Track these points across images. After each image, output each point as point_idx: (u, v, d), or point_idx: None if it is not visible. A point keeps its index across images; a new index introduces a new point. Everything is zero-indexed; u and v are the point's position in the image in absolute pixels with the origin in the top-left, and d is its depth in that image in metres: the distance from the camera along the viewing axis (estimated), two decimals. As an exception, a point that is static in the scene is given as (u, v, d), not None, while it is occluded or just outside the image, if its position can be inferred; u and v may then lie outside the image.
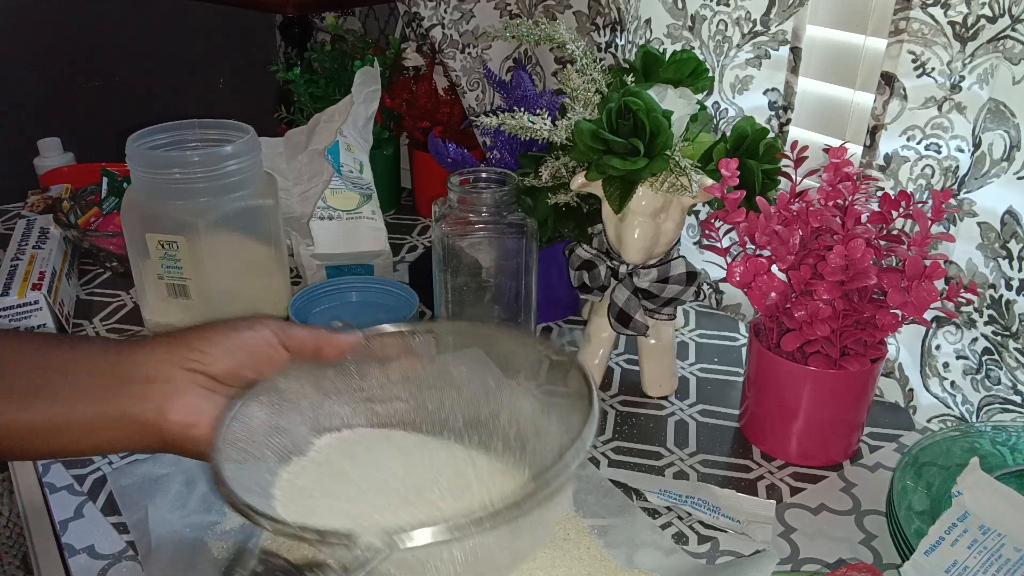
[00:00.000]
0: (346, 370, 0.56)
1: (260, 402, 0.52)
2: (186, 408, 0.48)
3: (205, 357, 0.50)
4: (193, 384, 0.49)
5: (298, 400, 0.54)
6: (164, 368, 0.49)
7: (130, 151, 0.80)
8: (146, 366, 0.49)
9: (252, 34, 1.60)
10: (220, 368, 0.50)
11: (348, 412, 0.56)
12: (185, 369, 0.49)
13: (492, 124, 0.73)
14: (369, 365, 0.56)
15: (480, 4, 1.08)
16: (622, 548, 0.61)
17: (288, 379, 0.54)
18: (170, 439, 0.48)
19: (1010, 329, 0.68)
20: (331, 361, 0.54)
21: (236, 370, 0.51)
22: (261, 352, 0.52)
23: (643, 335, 0.77)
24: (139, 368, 0.49)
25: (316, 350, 0.54)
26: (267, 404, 0.52)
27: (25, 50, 1.39)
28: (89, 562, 0.61)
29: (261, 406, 0.52)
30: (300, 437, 0.54)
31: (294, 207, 1.01)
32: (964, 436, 0.67)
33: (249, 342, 0.51)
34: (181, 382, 0.49)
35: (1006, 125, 0.64)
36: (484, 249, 0.78)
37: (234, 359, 0.50)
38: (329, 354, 0.54)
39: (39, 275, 0.89)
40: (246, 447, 0.50)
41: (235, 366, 0.51)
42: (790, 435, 0.70)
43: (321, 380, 0.55)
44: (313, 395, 0.55)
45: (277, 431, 0.53)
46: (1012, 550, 0.56)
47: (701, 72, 0.75)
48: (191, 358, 0.49)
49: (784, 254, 0.64)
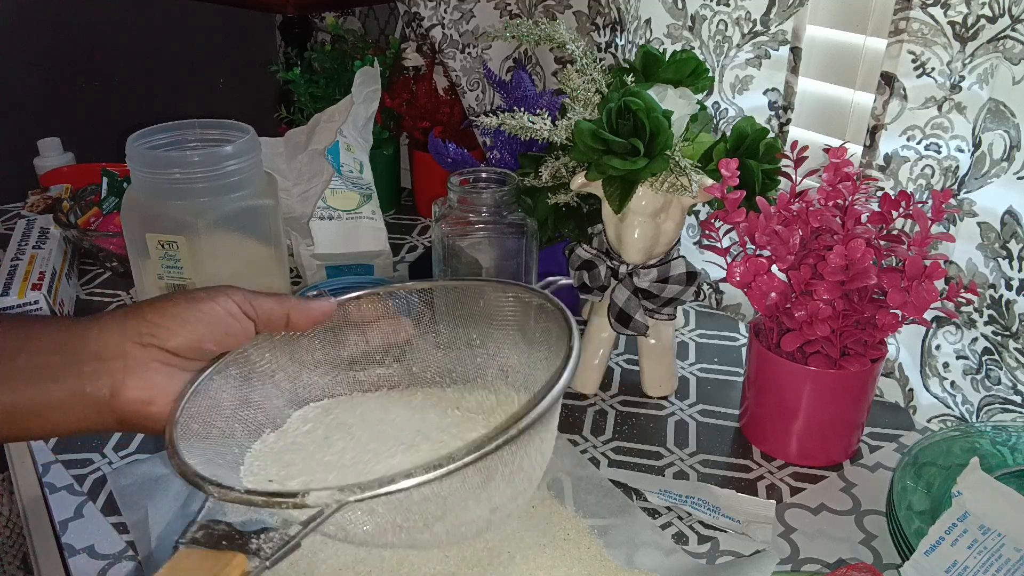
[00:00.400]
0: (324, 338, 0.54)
1: (228, 375, 0.50)
2: (141, 384, 0.46)
3: (160, 330, 0.47)
4: (149, 359, 0.47)
5: (272, 372, 0.52)
6: (117, 344, 0.47)
7: (130, 151, 0.79)
8: (98, 343, 0.47)
9: (252, 34, 1.60)
10: (177, 342, 0.48)
11: (328, 382, 0.54)
12: (139, 344, 0.47)
13: (492, 124, 0.73)
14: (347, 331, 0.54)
15: (480, 4, 1.08)
16: (622, 548, 0.61)
17: (260, 350, 0.52)
18: (126, 417, 0.47)
19: (1010, 329, 0.68)
20: (302, 330, 0.52)
21: (196, 343, 0.48)
22: (222, 323, 0.49)
23: (643, 335, 0.77)
24: (91, 345, 0.46)
25: (286, 319, 0.51)
26: (236, 376, 0.50)
27: (25, 50, 1.39)
28: (89, 562, 0.61)
29: (229, 379, 0.50)
30: (275, 410, 0.52)
31: (294, 207, 1.01)
32: (964, 436, 0.67)
33: (209, 313, 0.49)
34: (135, 358, 0.47)
35: (1006, 125, 0.64)
36: (484, 249, 0.78)
37: (193, 332, 0.48)
38: (300, 322, 0.52)
39: (39, 275, 0.89)
40: (211, 420, 0.48)
41: (194, 339, 0.48)
42: (790, 435, 0.70)
43: (297, 350, 0.53)
44: (289, 366, 0.53)
45: (248, 404, 0.51)
46: (1012, 550, 0.56)
47: (701, 72, 0.75)
48: (145, 332, 0.47)
49: (784, 254, 0.64)
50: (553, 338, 0.51)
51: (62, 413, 0.46)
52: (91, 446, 0.72)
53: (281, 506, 0.40)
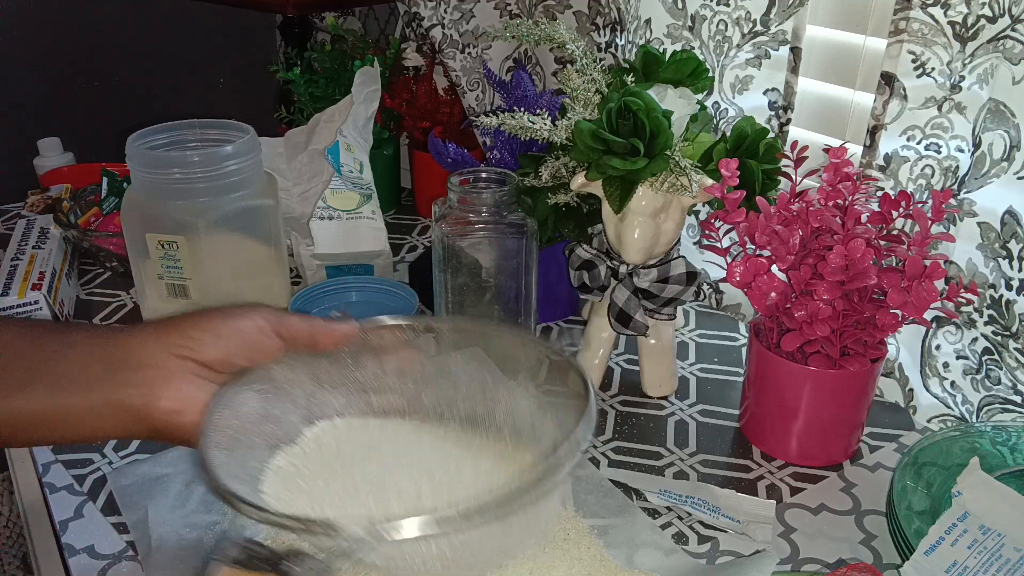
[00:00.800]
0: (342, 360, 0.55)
1: (252, 389, 0.51)
2: (175, 395, 0.47)
3: (196, 344, 0.49)
4: (183, 371, 0.48)
5: (291, 389, 0.54)
6: (154, 354, 0.48)
7: (130, 151, 0.80)
8: (136, 352, 0.48)
9: (252, 34, 1.60)
10: (211, 355, 0.49)
11: (342, 403, 0.55)
12: (176, 356, 0.48)
13: (492, 124, 0.73)
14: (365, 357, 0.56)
15: (480, 4, 1.08)
16: (622, 548, 0.61)
17: (282, 367, 0.53)
18: (159, 426, 0.48)
19: (1010, 329, 0.68)
20: (326, 351, 0.54)
21: (228, 358, 0.50)
22: (254, 340, 0.51)
23: (643, 335, 0.77)
24: (129, 355, 0.48)
25: (311, 339, 0.53)
26: (259, 392, 0.51)
27: (25, 50, 1.39)
28: (89, 562, 0.61)
29: (253, 393, 0.51)
30: (291, 426, 0.53)
31: (294, 207, 1.01)
32: (964, 436, 0.67)
33: (242, 330, 0.50)
34: (171, 369, 0.48)
35: (1006, 125, 0.64)
36: (484, 249, 0.78)
37: (226, 346, 0.50)
38: (324, 344, 0.53)
39: (39, 275, 0.89)
40: (235, 434, 0.49)
41: (227, 354, 0.50)
42: (790, 435, 0.70)
43: (316, 369, 0.54)
44: (307, 384, 0.54)
45: (268, 419, 0.52)
46: (1012, 550, 0.56)
47: (701, 72, 0.75)
48: (182, 344, 0.48)
49: (784, 254, 0.64)
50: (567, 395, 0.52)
51: (99, 420, 0.47)
52: (91, 446, 0.72)
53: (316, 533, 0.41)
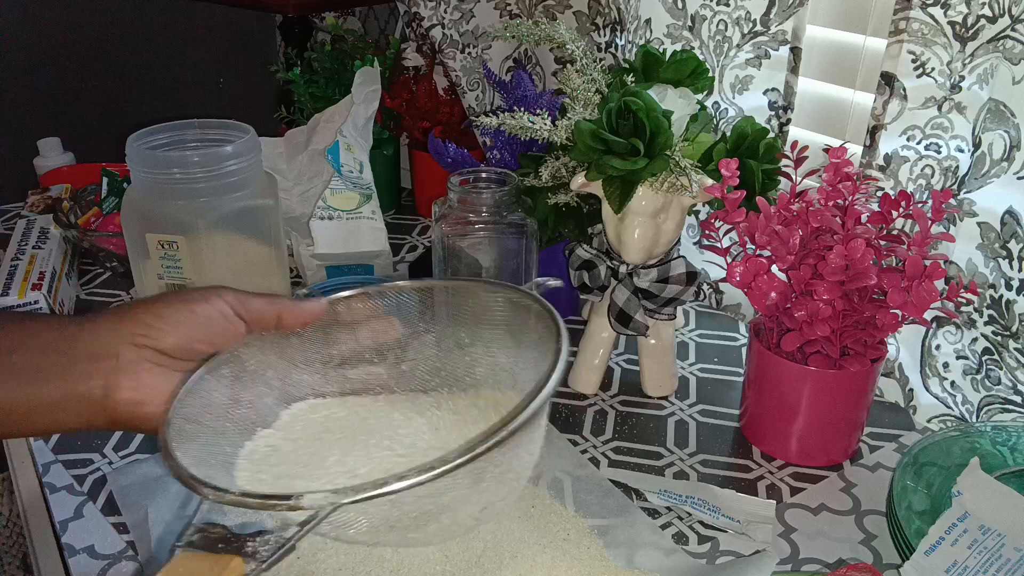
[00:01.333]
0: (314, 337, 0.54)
1: (219, 374, 0.50)
2: (135, 385, 0.47)
3: (153, 331, 0.47)
4: (142, 360, 0.47)
5: (263, 371, 0.53)
6: (111, 344, 0.47)
7: (130, 151, 0.79)
8: (92, 343, 0.47)
9: (252, 34, 1.60)
10: (170, 342, 0.48)
11: (318, 380, 0.55)
12: (133, 345, 0.47)
13: (492, 124, 0.73)
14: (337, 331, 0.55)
15: (480, 4, 1.08)
16: (622, 548, 0.61)
17: (251, 349, 0.52)
18: (118, 417, 0.47)
19: (1010, 329, 0.68)
20: (293, 329, 0.53)
21: (188, 344, 0.49)
22: (215, 324, 0.49)
23: (643, 335, 0.77)
24: (85, 345, 0.47)
25: (277, 319, 0.52)
26: (227, 376, 0.51)
27: (25, 50, 1.39)
28: (89, 562, 0.61)
29: (221, 378, 0.50)
30: (266, 408, 0.52)
31: (294, 207, 1.01)
32: (964, 436, 0.67)
33: (202, 314, 0.49)
34: (128, 358, 0.47)
35: (1006, 125, 0.64)
36: (484, 249, 0.78)
37: (185, 332, 0.48)
38: (290, 323, 0.52)
39: (39, 275, 0.89)
40: (203, 420, 0.48)
41: (187, 340, 0.48)
42: (790, 435, 0.70)
43: (287, 349, 0.54)
44: (279, 365, 0.53)
45: (239, 403, 0.51)
46: (1012, 550, 0.56)
47: (701, 72, 0.75)
48: (139, 333, 0.47)
49: (784, 254, 0.64)
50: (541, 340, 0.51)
51: (55, 412, 0.46)
52: (91, 446, 0.72)
53: (276, 508, 0.40)
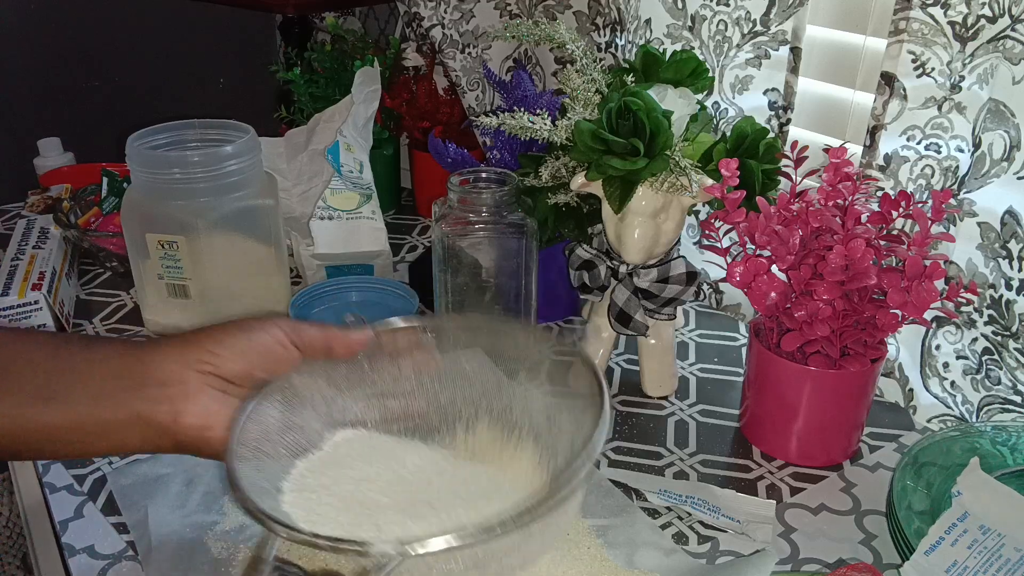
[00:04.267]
0: (358, 365, 0.56)
1: (274, 400, 0.52)
2: (200, 411, 0.48)
3: (217, 359, 0.50)
4: (206, 386, 0.49)
5: (311, 396, 0.54)
6: (177, 370, 0.49)
7: (130, 151, 0.80)
8: (159, 369, 0.49)
9: (252, 34, 1.60)
10: (232, 369, 0.50)
11: (361, 407, 0.56)
12: (198, 371, 0.49)
13: (492, 124, 0.73)
14: (380, 360, 0.56)
15: (480, 4, 1.08)
16: (622, 548, 0.61)
17: (301, 376, 0.54)
18: (184, 441, 0.49)
19: (1010, 329, 0.68)
20: (342, 358, 0.55)
21: (249, 371, 0.51)
22: (273, 352, 0.52)
23: (643, 335, 0.77)
24: (153, 371, 0.49)
25: (327, 348, 0.54)
26: (281, 402, 0.52)
27: (25, 50, 1.39)
28: (89, 562, 0.61)
29: (275, 404, 0.52)
30: (313, 433, 0.54)
31: (294, 207, 1.01)
32: (964, 436, 0.67)
33: (261, 342, 0.51)
34: (194, 384, 0.49)
35: (1006, 125, 0.64)
36: (484, 249, 0.78)
37: (246, 360, 0.50)
38: (340, 351, 0.54)
39: (39, 275, 0.89)
40: (260, 446, 0.50)
41: (247, 367, 0.51)
42: (790, 435, 0.70)
43: (333, 375, 0.56)
44: (326, 390, 0.55)
45: (291, 428, 0.53)
46: (1012, 550, 0.56)
47: (701, 72, 0.75)
48: (204, 360, 0.49)
49: (784, 254, 0.64)
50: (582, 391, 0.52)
51: (124, 435, 0.48)
52: (91, 446, 0.72)
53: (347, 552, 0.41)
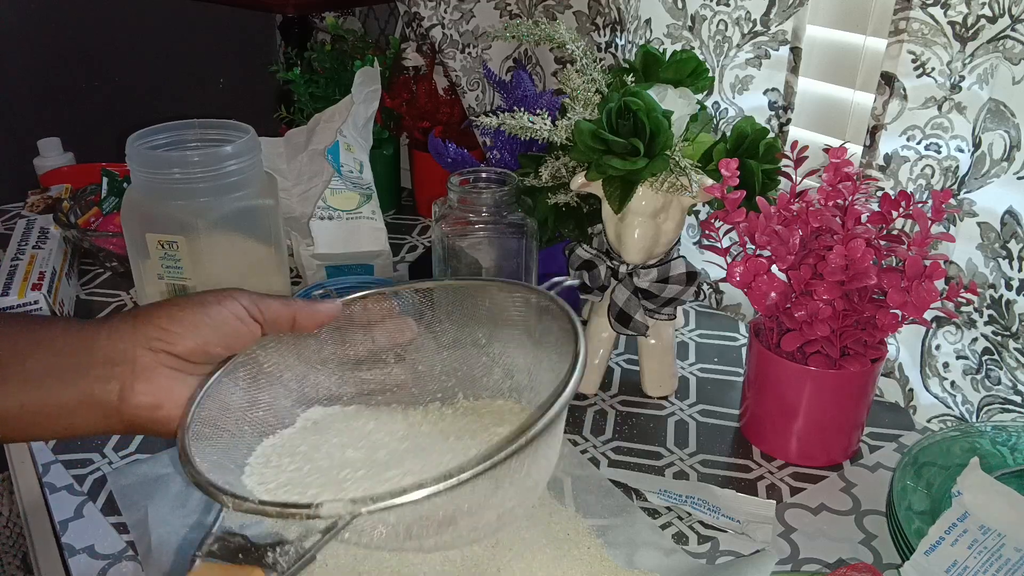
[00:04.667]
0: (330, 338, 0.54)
1: (236, 377, 0.50)
2: (151, 389, 0.47)
3: (169, 335, 0.47)
4: (158, 364, 0.47)
5: (280, 372, 0.52)
6: (127, 349, 0.47)
7: (130, 151, 0.79)
8: (108, 347, 0.47)
9: (252, 34, 1.60)
10: (186, 346, 0.48)
11: (335, 381, 0.54)
12: (149, 349, 0.47)
13: (492, 124, 0.73)
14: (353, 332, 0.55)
15: (480, 4, 1.08)
16: (622, 548, 0.61)
17: (267, 351, 0.52)
18: (135, 421, 0.47)
19: (1010, 329, 0.68)
20: (308, 331, 0.52)
21: (204, 347, 0.48)
22: (230, 327, 0.49)
23: (643, 335, 0.77)
24: (101, 350, 0.47)
25: (292, 321, 0.51)
26: (245, 378, 0.51)
27: (25, 50, 1.39)
28: (89, 562, 0.61)
29: (237, 381, 0.50)
30: (283, 410, 0.52)
31: (294, 207, 1.01)
32: (964, 436, 0.67)
33: (217, 317, 0.49)
34: (144, 363, 0.47)
35: (1006, 125, 0.64)
36: (484, 249, 0.78)
37: (201, 336, 0.48)
38: (305, 324, 0.52)
39: (39, 275, 0.89)
40: (220, 424, 0.48)
41: (203, 343, 0.48)
42: (790, 435, 0.70)
43: (304, 350, 0.53)
44: (296, 366, 0.53)
45: (256, 406, 0.51)
46: (1012, 550, 0.56)
47: (701, 72, 0.75)
48: (155, 337, 0.47)
49: (784, 254, 0.64)
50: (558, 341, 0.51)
51: (70, 416, 0.46)
52: (91, 446, 0.72)
53: (295, 517, 0.40)
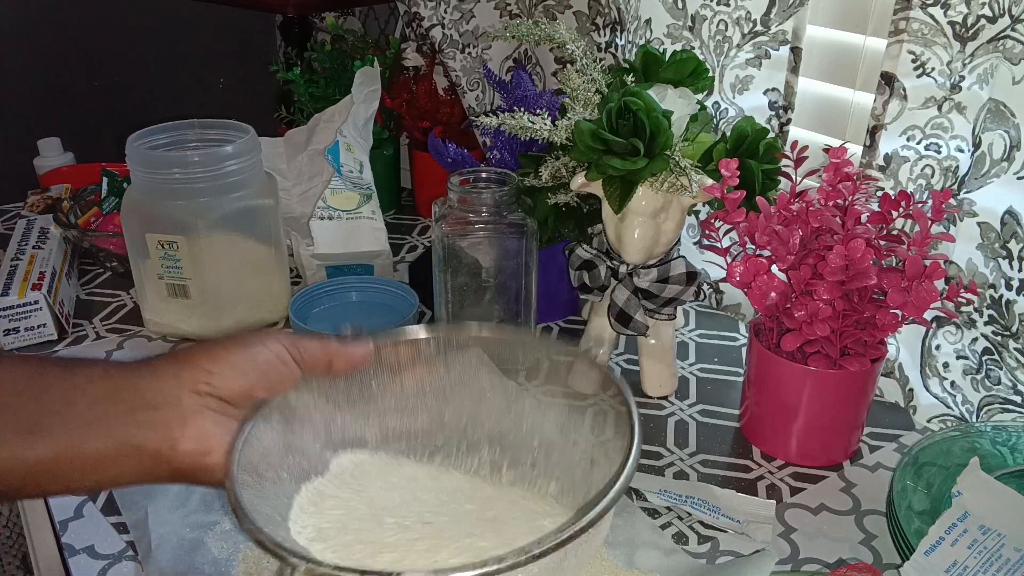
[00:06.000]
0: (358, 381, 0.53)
1: (272, 421, 0.49)
2: (198, 435, 0.44)
3: (215, 378, 0.45)
4: (203, 408, 0.45)
5: (310, 415, 0.51)
6: (171, 392, 0.44)
7: (130, 151, 0.80)
8: (152, 391, 0.44)
9: (252, 34, 1.60)
10: (232, 389, 0.46)
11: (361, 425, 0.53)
12: (194, 392, 0.45)
13: (492, 124, 0.73)
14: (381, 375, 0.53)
15: (480, 4, 1.08)
16: (622, 548, 0.61)
17: (299, 394, 0.51)
18: (182, 468, 0.44)
19: (1010, 329, 0.68)
20: (344, 373, 0.51)
21: (248, 390, 0.47)
22: (274, 369, 0.48)
23: (643, 335, 0.77)
24: (144, 394, 0.44)
25: (328, 363, 0.50)
26: (279, 422, 0.49)
27: (25, 50, 1.39)
28: (89, 562, 0.61)
29: (273, 425, 0.49)
30: (314, 454, 0.51)
31: (294, 207, 1.01)
32: (964, 436, 0.67)
33: (260, 359, 0.47)
34: (190, 407, 0.44)
35: (1006, 125, 0.64)
36: (484, 249, 0.78)
37: (246, 379, 0.46)
38: (340, 367, 0.51)
39: (39, 275, 0.89)
40: (261, 471, 0.46)
41: (247, 386, 0.47)
42: (790, 435, 0.70)
43: (332, 392, 0.52)
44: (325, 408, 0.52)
45: (291, 450, 0.50)
46: (1012, 550, 0.56)
47: (701, 72, 0.75)
48: (200, 379, 0.45)
49: (784, 254, 0.64)
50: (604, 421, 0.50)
51: (116, 466, 0.44)
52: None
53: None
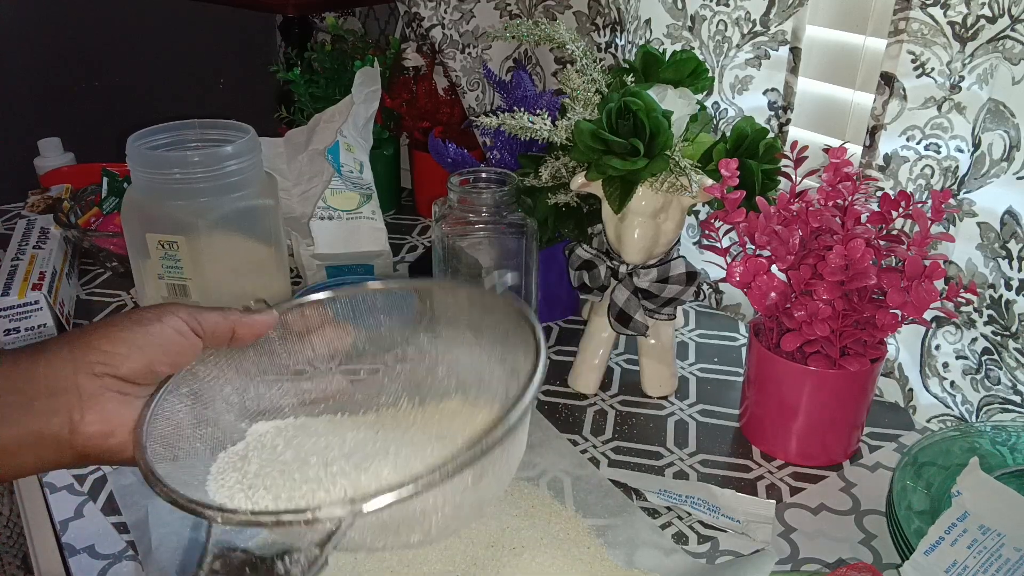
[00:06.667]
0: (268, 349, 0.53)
1: (180, 394, 0.49)
2: (101, 417, 0.44)
3: (112, 358, 0.45)
4: (103, 390, 0.44)
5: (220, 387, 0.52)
6: (68, 377, 0.44)
7: (130, 151, 0.79)
8: (48, 378, 0.43)
9: (252, 34, 1.60)
10: (130, 368, 0.45)
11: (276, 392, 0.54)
12: (92, 375, 0.44)
13: (492, 124, 0.73)
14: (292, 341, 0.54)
15: (480, 4, 1.08)
16: (622, 548, 0.61)
17: (206, 366, 0.51)
18: (87, 452, 0.44)
19: (1010, 329, 0.68)
20: (247, 343, 0.51)
21: (149, 367, 0.46)
22: (173, 343, 0.47)
23: (643, 335, 0.77)
24: (41, 381, 0.43)
25: (231, 333, 0.50)
26: (188, 396, 0.49)
27: (25, 50, 1.39)
28: (89, 562, 0.61)
29: (181, 398, 0.49)
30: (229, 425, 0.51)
31: (294, 207, 1.01)
32: (964, 436, 0.67)
33: (158, 335, 0.46)
34: (89, 390, 0.44)
35: (1006, 125, 0.64)
36: (484, 249, 0.78)
37: (144, 355, 0.46)
38: (245, 335, 0.51)
39: (39, 275, 0.89)
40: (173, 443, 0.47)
41: (148, 363, 0.46)
42: (790, 435, 0.70)
43: (242, 362, 0.53)
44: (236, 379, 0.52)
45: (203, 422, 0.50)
46: (1012, 550, 0.56)
47: (701, 72, 0.75)
48: (97, 361, 0.44)
49: (784, 254, 0.64)
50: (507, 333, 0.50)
51: (19, 456, 0.43)
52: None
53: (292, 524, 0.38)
